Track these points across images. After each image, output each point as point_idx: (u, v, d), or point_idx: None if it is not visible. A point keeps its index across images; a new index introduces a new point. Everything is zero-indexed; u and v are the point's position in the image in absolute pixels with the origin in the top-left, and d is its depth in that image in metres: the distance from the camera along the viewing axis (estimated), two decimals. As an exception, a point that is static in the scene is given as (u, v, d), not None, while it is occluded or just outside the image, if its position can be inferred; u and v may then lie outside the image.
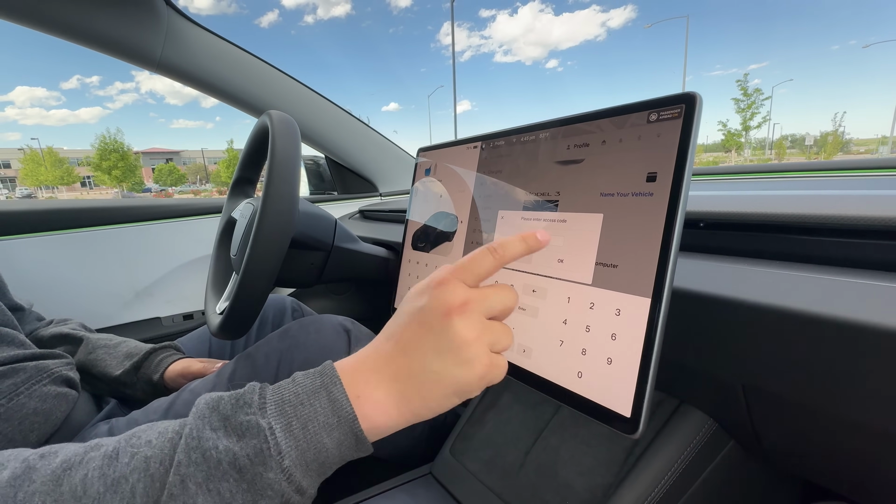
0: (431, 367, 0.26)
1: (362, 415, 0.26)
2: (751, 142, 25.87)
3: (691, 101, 0.30)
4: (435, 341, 0.26)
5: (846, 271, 0.34)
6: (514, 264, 0.41)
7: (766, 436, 0.43)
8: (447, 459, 0.65)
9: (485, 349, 0.27)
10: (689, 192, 0.30)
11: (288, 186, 0.51)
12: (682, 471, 0.47)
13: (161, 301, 1.01)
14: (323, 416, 0.25)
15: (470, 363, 0.26)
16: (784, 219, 0.38)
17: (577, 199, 0.37)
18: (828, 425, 0.37)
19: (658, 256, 0.30)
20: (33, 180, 28.01)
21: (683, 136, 0.30)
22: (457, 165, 0.55)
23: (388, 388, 0.26)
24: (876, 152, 32.50)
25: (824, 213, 0.36)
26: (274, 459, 0.24)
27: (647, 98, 0.33)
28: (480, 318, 0.27)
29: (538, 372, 0.37)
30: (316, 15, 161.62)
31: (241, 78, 1.01)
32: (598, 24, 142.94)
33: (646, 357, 0.30)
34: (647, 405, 0.30)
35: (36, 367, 0.44)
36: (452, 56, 17.18)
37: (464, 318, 0.26)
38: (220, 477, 0.23)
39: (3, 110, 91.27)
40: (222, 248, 0.73)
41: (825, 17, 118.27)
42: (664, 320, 0.30)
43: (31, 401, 0.42)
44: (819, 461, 0.43)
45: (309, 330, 0.57)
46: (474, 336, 0.27)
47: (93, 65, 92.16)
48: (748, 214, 0.40)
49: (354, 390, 0.26)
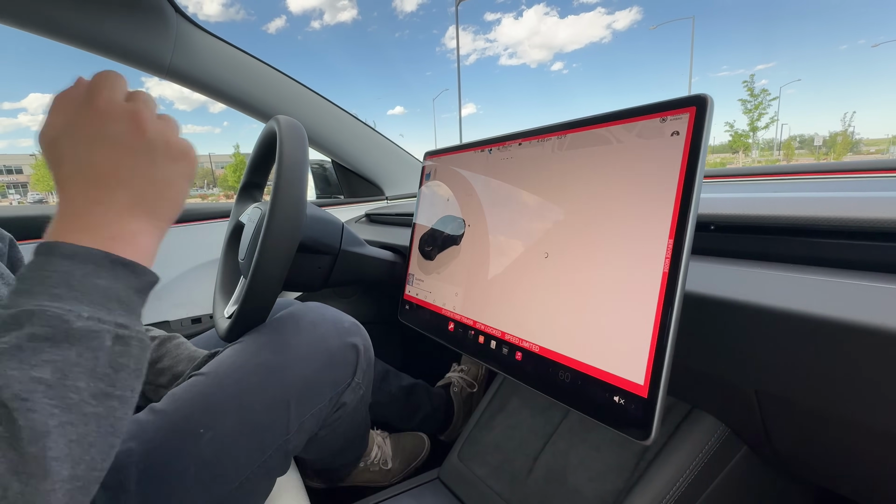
0: (161, 176, 0.31)
1: (120, 249, 0.28)
2: (758, 143, 25.64)
3: (702, 103, 0.30)
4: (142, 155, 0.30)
5: (864, 275, 0.33)
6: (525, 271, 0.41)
7: (781, 441, 0.42)
8: (455, 464, 0.65)
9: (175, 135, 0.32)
10: (700, 194, 0.30)
11: (296, 190, 0.51)
12: (695, 477, 0.47)
13: (169, 304, 1.02)
14: (79, 271, 0.26)
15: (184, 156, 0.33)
16: (798, 221, 0.37)
17: (587, 202, 0.37)
18: (845, 432, 0.36)
19: (670, 263, 0.30)
20: (45, 185, 28.45)
21: (695, 138, 0.30)
22: (465, 169, 0.55)
23: (138, 218, 0.30)
24: (887, 152, 32.05)
25: (841, 216, 0.35)
26: (70, 314, 0.25)
27: (656, 101, 0.33)
28: (154, 116, 0.31)
29: (555, 348, 0.37)
30: (322, 20, 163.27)
31: (249, 83, 1.02)
32: (603, 26, 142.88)
33: (658, 357, 0.30)
34: (660, 410, 0.30)
35: None
36: (457, 59, 17.26)
37: (152, 124, 0.31)
38: (33, 354, 0.23)
39: (16, 117, 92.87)
40: (230, 252, 0.73)
41: (833, 16, 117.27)
42: (677, 319, 0.30)
43: None
44: (834, 467, 0.43)
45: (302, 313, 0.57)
46: (164, 127, 0.32)
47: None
48: (760, 217, 0.39)
49: (106, 235, 0.28)
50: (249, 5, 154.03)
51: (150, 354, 0.55)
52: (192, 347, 0.58)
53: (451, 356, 1.05)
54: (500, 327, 0.44)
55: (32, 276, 0.26)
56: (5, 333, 0.24)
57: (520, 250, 0.43)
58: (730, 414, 0.46)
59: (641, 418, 0.30)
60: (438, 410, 0.93)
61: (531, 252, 0.42)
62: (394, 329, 0.96)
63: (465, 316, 0.49)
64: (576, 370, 0.35)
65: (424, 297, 0.58)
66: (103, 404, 0.25)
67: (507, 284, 0.44)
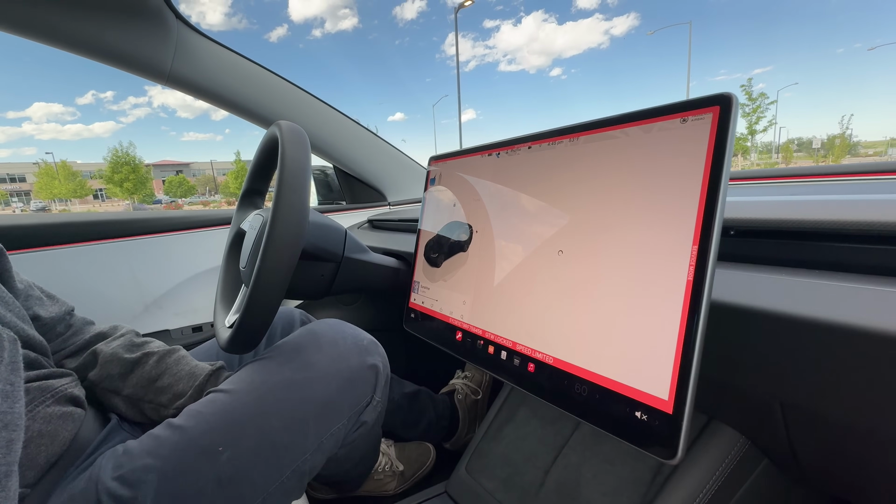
0: None
1: None
2: (757, 146, 25.71)
3: (727, 102, 0.28)
4: None
5: (892, 281, 0.32)
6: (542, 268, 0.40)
7: (805, 455, 0.41)
8: (463, 478, 0.63)
9: None
10: (726, 196, 0.28)
11: (298, 197, 0.49)
12: (715, 492, 0.45)
13: (170, 313, 1.00)
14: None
15: None
16: (822, 225, 0.36)
17: (603, 207, 0.36)
18: (874, 445, 0.34)
19: (695, 270, 0.29)
20: (47, 193, 28.55)
21: (719, 140, 0.28)
22: (471, 174, 0.53)
23: None
24: (885, 154, 32.07)
25: (866, 220, 0.33)
26: None
27: (655, 104, 0.32)
28: None
29: (571, 360, 0.36)
30: (324, 28, 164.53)
31: (250, 89, 1.01)
32: (601, 32, 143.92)
33: (685, 365, 0.28)
34: (686, 427, 0.28)
35: (39, 387, 0.42)
36: (457, 65, 17.34)
37: None
38: None
39: (21, 126, 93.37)
40: (231, 260, 0.72)
41: (829, 20, 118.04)
42: (703, 330, 0.28)
43: (35, 423, 0.40)
44: (862, 482, 0.41)
45: (317, 331, 0.55)
46: None
47: (107, 80, 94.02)
48: (783, 221, 0.38)
49: None
50: (252, 14, 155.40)
51: (150, 371, 0.54)
52: (193, 363, 0.56)
53: (455, 363, 1.03)
54: (511, 337, 0.42)
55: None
56: None
57: (531, 257, 0.42)
58: (751, 426, 0.44)
59: (666, 436, 0.29)
60: (443, 418, 0.91)
61: (544, 259, 0.40)
62: (396, 336, 0.94)
63: (474, 325, 0.48)
64: (593, 383, 0.34)
65: (431, 306, 0.56)
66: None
67: (517, 292, 0.43)
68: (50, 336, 0.53)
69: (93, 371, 0.53)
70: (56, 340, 0.54)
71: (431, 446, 0.88)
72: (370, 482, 0.78)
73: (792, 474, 0.46)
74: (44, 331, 0.51)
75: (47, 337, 0.51)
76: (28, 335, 0.45)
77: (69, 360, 0.54)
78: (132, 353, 0.54)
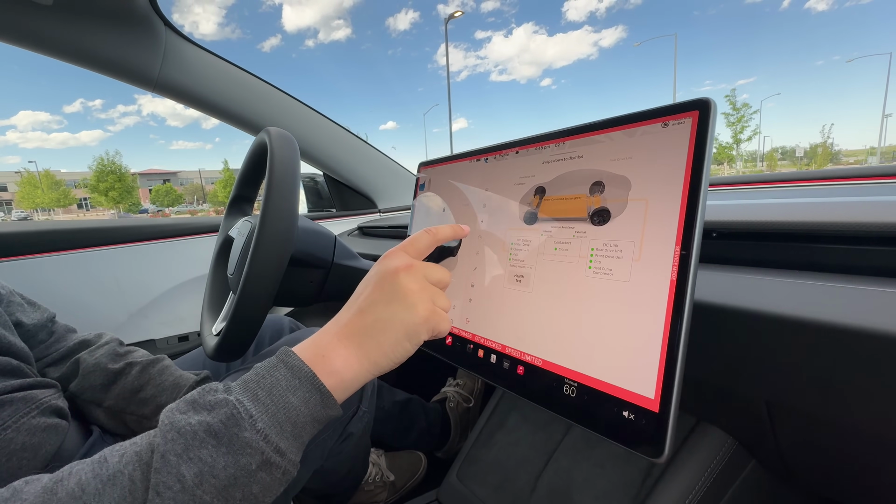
0: (382, 316, 0.32)
1: (327, 372, 0.29)
2: (742, 154, 26.29)
3: (705, 106, 0.29)
4: (385, 294, 0.32)
5: (873, 280, 0.33)
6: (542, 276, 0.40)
7: (792, 455, 0.41)
8: (454, 485, 0.62)
9: (427, 298, 0.33)
10: (707, 198, 0.29)
11: (287, 203, 0.49)
12: (703, 494, 0.45)
13: (156, 323, 0.99)
14: (284, 381, 0.28)
15: (414, 307, 0.32)
16: (803, 227, 0.37)
17: (588, 210, 0.36)
18: (861, 445, 0.35)
19: (678, 270, 0.29)
20: (29, 203, 27.97)
21: (699, 142, 0.29)
22: (460, 179, 0.54)
23: (347, 344, 0.31)
24: (865, 162, 33.02)
25: (846, 221, 0.34)
26: (246, 421, 0.26)
27: None
28: (422, 277, 0.34)
29: (559, 361, 0.36)
30: (317, 39, 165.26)
31: (239, 96, 1.01)
32: (590, 43, 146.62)
33: (670, 364, 0.29)
34: (672, 425, 0.28)
35: (24, 397, 0.41)
36: (447, 75, 17.52)
37: (408, 275, 0.33)
38: (197, 445, 0.25)
39: (4, 134, 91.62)
40: (219, 267, 0.71)
41: (808, 34, 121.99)
42: (687, 328, 0.28)
43: (19, 435, 0.38)
44: (849, 482, 0.41)
45: (301, 339, 0.55)
46: (417, 287, 0.33)
47: (97, 88, 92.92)
48: (764, 223, 0.39)
49: (318, 351, 0.30)
50: (245, 25, 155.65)
51: (132, 382, 0.52)
52: (178, 372, 0.55)
53: (446, 370, 1.02)
54: (500, 340, 0.43)
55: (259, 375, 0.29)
56: (200, 412, 0.26)
57: (519, 260, 0.42)
58: (738, 426, 0.45)
59: (653, 434, 0.29)
60: (434, 426, 0.90)
61: (531, 262, 0.40)
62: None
63: (463, 329, 0.48)
64: (581, 384, 0.34)
65: (420, 311, 0.56)
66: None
67: (506, 296, 0.43)
68: (31, 343, 0.52)
69: (74, 382, 0.52)
70: (38, 348, 0.52)
71: (423, 455, 0.87)
72: (360, 494, 0.76)
73: (779, 475, 0.47)
74: (26, 338, 0.50)
75: (29, 344, 0.49)
76: (9, 342, 0.43)
77: (51, 369, 0.53)
78: (115, 363, 0.53)
